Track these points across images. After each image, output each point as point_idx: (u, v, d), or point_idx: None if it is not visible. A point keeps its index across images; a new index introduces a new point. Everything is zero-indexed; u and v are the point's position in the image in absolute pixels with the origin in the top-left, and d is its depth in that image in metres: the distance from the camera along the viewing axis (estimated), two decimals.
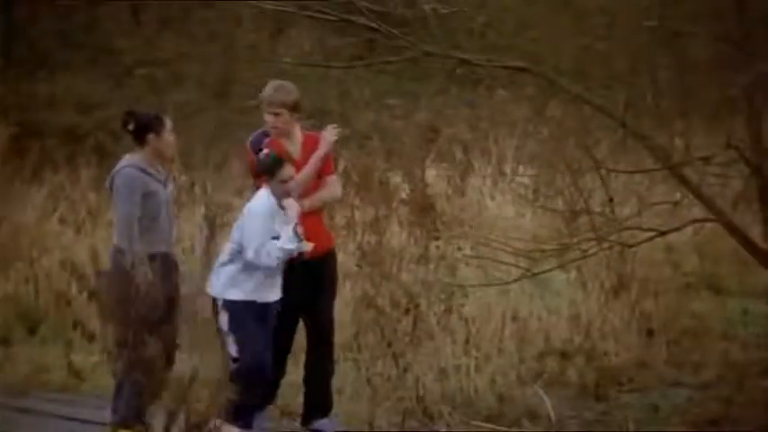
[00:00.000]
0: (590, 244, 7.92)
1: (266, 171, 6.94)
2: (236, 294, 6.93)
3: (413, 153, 12.41)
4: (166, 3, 15.16)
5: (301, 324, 7.34)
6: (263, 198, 7.00)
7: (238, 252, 6.98)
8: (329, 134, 7.21)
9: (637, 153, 8.77)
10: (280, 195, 6.96)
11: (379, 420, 7.17)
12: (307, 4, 7.82)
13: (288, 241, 6.88)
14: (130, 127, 6.94)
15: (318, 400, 7.29)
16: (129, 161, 6.91)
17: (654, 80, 8.49)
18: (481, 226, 10.82)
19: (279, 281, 7.02)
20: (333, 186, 7.35)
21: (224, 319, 6.94)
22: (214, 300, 7.01)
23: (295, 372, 7.44)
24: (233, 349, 6.90)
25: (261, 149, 7.10)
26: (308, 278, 7.12)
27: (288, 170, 6.93)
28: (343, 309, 7.77)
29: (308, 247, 6.94)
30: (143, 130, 6.92)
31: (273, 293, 7.01)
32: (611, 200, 7.69)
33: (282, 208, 6.96)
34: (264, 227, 6.90)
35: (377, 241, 9.60)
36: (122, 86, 14.29)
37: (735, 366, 8.50)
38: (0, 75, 14.66)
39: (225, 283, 6.98)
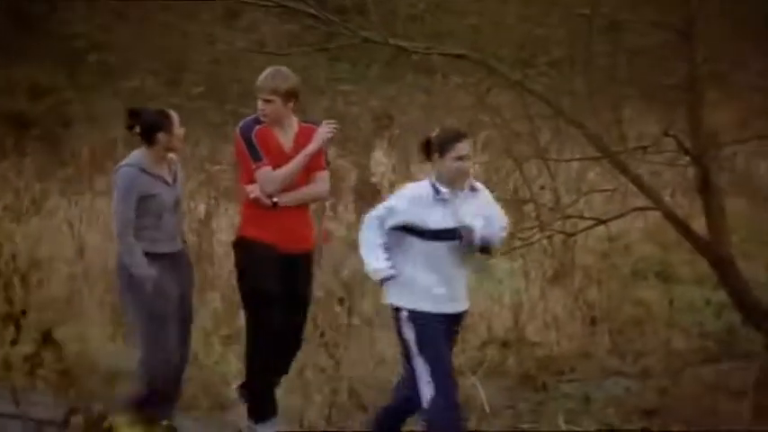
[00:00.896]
0: (531, 232, 7.90)
1: None
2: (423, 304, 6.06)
3: (366, 140, 12.35)
4: None
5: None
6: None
7: None
8: (324, 130, 6.86)
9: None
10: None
11: (310, 413, 7.09)
12: None
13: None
14: (137, 130, 6.66)
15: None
16: (132, 159, 6.68)
17: (596, 68, 8.45)
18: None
19: None
20: (320, 183, 6.95)
21: (410, 334, 6.09)
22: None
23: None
24: (423, 373, 6.02)
25: (250, 137, 6.78)
26: (291, 272, 6.81)
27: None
28: None
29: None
30: (151, 130, 6.64)
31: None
32: (541, 188, 7.63)
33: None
34: None
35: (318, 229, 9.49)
36: (76, 73, 14.17)
37: (676, 356, 8.48)
38: None
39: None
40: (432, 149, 6.19)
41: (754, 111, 8.77)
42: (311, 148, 6.82)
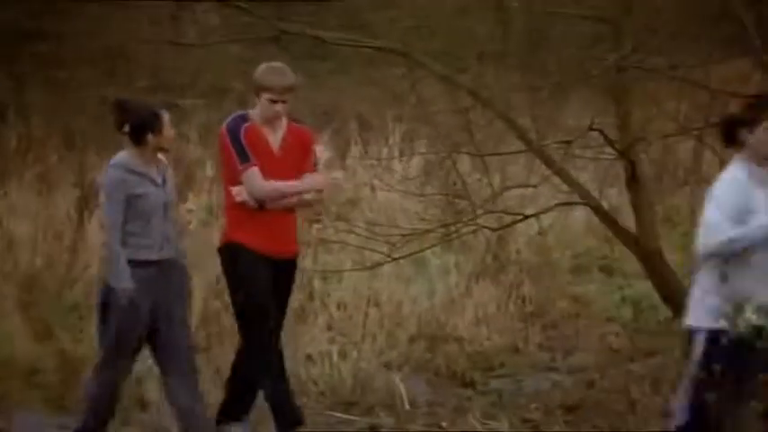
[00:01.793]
0: (457, 227, 7.82)
1: None
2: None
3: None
4: None
5: None
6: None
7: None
8: (321, 179, 6.58)
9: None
10: None
11: None
12: None
13: None
14: (126, 129, 6.24)
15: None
16: (118, 159, 6.30)
17: (527, 60, 8.37)
18: (371, 209, 10.66)
19: None
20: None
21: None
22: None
23: None
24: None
25: (238, 136, 6.45)
26: (276, 278, 6.55)
27: None
28: (198, 295, 7.49)
29: None
30: (141, 130, 6.23)
31: None
32: (462, 182, 7.52)
33: None
34: None
35: None
36: (10, 62, 13.91)
37: (609, 351, 8.41)
38: None
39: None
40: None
41: (684, 103, 8.69)
42: (302, 187, 6.50)
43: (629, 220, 8.34)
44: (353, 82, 14.03)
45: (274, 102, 6.46)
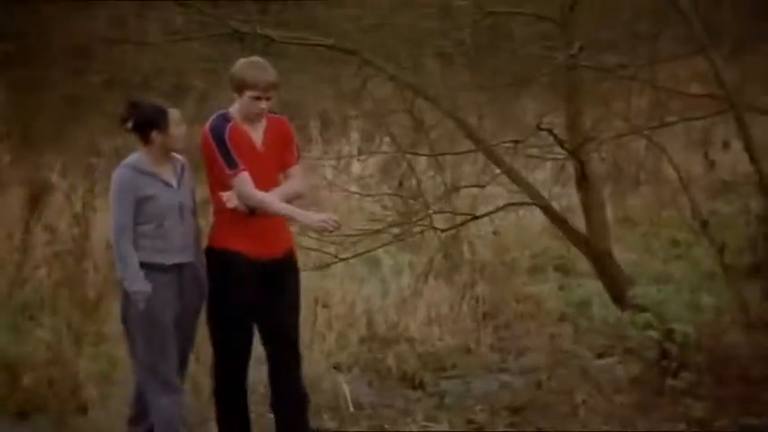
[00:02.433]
0: (405, 227, 7.77)
1: None
2: None
3: None
4: None
5: None
6: None
7: None
8: (320, 218, 6.14)
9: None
10: None
11: None
12: None
13: None
14: (129, 125, 6.01)
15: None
16: (128, 160, 6.06)
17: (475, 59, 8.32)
18: (326, 209, 10.57)
19: None
20: (297, 179, 6.35)
21: None
22: None
23: None
24: None
25: (223, 139, 6.11)
26: (262, 279, 6.24)
27: None
28: None
29: None
30: (144, 127, 6.00)
31: None
32: (417, 182, 7.47)
33: None
34: None
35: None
36: None
37: (559, 351, 8.36)
38: None
39: None
40: None
41: (639, 102, 8.66)
42: (297, 215, 6.16)
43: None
44: (314, 79, 13.97)
45: (258, 99, 6.16)
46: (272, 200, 6.20)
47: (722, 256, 7.57)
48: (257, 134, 6.28)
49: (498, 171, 7.84)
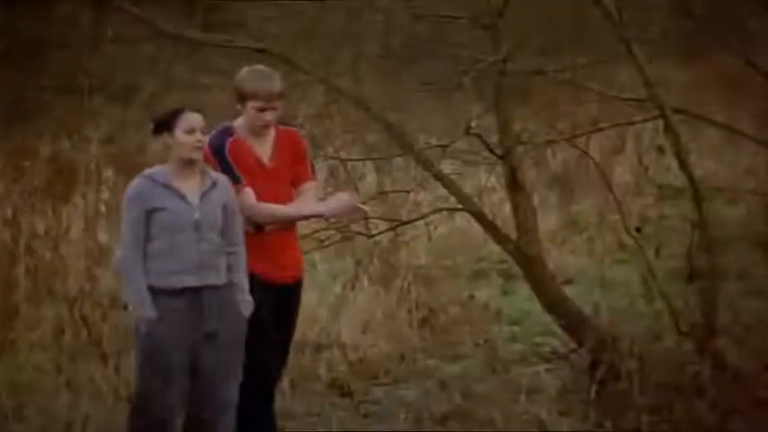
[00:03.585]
0: (328, 233, 7.68)
1: None
2: None
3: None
4: None
5: None
6: None
7: None
8: (347, 201, 5.87)
9: None
10: None
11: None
12: None
13: None
14: (150, 127, 5.65)
15: None
16: (147, 170, 5.66)
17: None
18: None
19: None
20: (311, 197, 5.99)
21: None
22: None
23: None
24: None
25: (223, 154, 5.75)
26: (277, 305, 5.95)
27: None
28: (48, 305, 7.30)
29: None
30: (156, 129, 5.60)
31: None
32: (355, 186, 7.36)
33: None
34: None
35: None
36: None
37: (494, 358, 8.28)
38: None
39: None
40: None
41: (566, 105, 8.60)
42: (320, 209, 5.93)
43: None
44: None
45: (262, 110, 5.80)
46: (284, 208, 5.87)
47: (649, 263, 7.49)
48: (264, 148, 5.91)
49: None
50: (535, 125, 8.07)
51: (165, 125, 5.58)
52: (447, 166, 7.44)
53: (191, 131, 5.55)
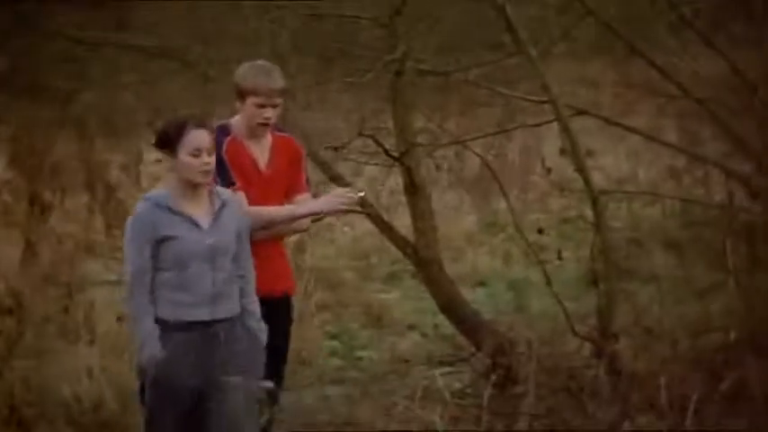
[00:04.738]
0: None
1: None
2: None
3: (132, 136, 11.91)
4: None
5: None
6: None
7: None
8: (338, 198, 5.52)
9: None
10: None
11: None
12: None
13: None
14: (153, 142, 5.15)
15: None
16: (151, 192, 5.22)
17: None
18: None
19: None
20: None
21: None
22: None
23: None
24: None
25: (220, 155, 5.28)
26: (268, 316, 5.42)
27: None
28: None
29: None
30: (158, 146, 5.08)
31: None
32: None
33: None
34: None
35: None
36: None
37: (399, 361, 8.19)
38: None
39: None
40: None
41: (469, 106, 8.54)
42: (314, 207, 5.59)
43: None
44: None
45: (262, 107, 5.50)
46: (279, 209, 5.55)
47: (543, 265, 7.44)
48: (261, 153, 5.60)
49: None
50: (453, 126, 7.97)
51: (167, 144, 5.05)
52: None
53: (196, 154, 5.03)
